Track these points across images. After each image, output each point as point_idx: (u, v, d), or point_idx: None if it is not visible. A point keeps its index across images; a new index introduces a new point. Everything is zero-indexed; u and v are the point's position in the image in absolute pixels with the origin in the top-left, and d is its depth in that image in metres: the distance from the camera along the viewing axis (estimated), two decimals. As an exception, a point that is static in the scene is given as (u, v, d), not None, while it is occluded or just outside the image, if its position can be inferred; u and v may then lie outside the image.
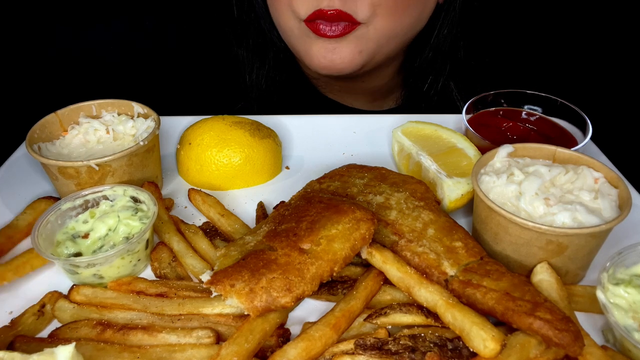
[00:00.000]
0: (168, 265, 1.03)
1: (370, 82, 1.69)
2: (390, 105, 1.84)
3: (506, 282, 0.87)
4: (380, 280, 0.94)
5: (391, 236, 0.99)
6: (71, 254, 0.99)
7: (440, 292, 0.87)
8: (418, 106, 1.70)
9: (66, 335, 0.88)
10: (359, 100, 1.81)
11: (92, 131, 1.21)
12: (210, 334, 0.86)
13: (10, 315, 0.94)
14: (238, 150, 1.25)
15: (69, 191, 1.13)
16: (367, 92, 1.78)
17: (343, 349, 0.84)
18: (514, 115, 1.37)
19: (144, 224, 1.03)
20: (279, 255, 0.89)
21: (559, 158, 1.09)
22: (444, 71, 1.65)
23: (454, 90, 1.68)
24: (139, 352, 0.84)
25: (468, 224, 1.15)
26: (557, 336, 0.77)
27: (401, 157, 1.32)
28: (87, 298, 0.94)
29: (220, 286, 0.86)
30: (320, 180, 1.17)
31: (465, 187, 1.12)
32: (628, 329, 0.83)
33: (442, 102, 1.68)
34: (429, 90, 1.67)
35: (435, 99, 1.68)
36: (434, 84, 1.67)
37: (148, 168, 1.20)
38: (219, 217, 1.13)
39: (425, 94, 1.68)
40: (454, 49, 1.63)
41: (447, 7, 1.55)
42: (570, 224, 0.92)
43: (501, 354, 0.78)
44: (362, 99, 1.81)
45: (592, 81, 1.91)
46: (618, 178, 1.01)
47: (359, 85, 1.70)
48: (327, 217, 0.95)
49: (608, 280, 0.90)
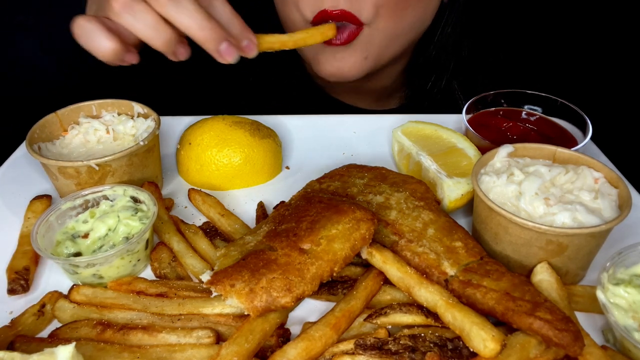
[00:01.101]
0: (168, 265, 1.03)
1: (376, 82, 1.69)
2: (394, 104, 1.84)
3: (506, 282, 0.87)
4: (380, 280, 0.94)
5: (391, 236, 0.99)
6: (71, 254, 0.99)
7: (440, 292, 0.87)
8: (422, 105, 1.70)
9: (66, 335, 0.88)
10: (363, 99, 1.82)
11: (92, 131, 1.21)
12: (210, 334, 0.86)
13: (10, 315, 0.94)
14: (238, 150, 1.25)
15: (69, 191, 1.13)
16: (373, 91, 1.79)
17: (343, 349, 0.84)
18: (514, 115, 1.37)
19: (143, 224, 1.03)
20: (279, 255, 0.89)
21: (559, 158, 1.09)
22: (448, 70, 1.66)
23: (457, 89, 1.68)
24: (139, 352, 0.84)
25: (468, 224, 1.15)
26: (557, 336, 0.77)
27: (401, 157, 1.32)
28: (87, 298, 0.94)
29: (220, 286, 0.86)
30: (320, 180, 1.17)
31: (465, 187, 1.12)
32: (628, 329, 0.83)
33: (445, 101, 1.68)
34: (433, 89, 1.68)
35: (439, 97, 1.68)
36: (438, 83, 1.67)
37: (148, 168, 1.20)
38: (219, 217, 1.13)
39: (428, 93, 1.69)
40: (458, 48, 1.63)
41: (451, 5, 1.55)
42: (570, 224, 0.92)
43: (501, 354, 0.78)
44: (367, 98, 1.82)
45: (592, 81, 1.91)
46: (618, 178, 1.01)
47: (365, 85, 1.70)
48: (327, 217, 0.95)
49: (608, 280, 0.90)
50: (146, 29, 0.97)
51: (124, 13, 0.96)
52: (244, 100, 1.74)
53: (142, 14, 0.96)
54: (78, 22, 0.98)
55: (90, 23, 0.97)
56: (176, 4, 0.95)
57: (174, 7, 0.96)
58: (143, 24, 0.97)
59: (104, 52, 0.98)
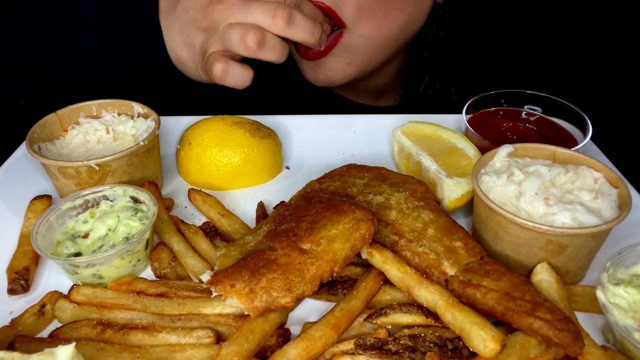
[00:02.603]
0: (168, 265, 1.03)
1: (371, 80, 1.69)
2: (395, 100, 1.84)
3: (506, 282, 0.87)
4: (380, 280, 0.94)
5: (391, 236, 0.99)
6: (71, 254, 0.99)
7: (440, 292, 0.87)
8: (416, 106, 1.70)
9: (66, 335, 0.88)
10: (363, 96, 1.83)
11: (92, 131, 1.21)
12: (210, 334, 0.86)
13: (10, 315, 0.94)
14: (238, 150, 1.25)
15: (69, 191, 1.13)
16: (370, 90, 1.79)
17: (343, 349, 0.84)
18: (514, 115, 1.37)
19: (143, 224, 1.03)
20: (279, 256, 0.89)
21: (559, 158, 1.09)
22: (441, 72, 1.65)
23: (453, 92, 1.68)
24: (139, 352, 0.84)
25: (468, 224, 1.15)
26: (557, 336, 0.77)
27: (401, 157, 1.32)
28: (87, 298, 0.94)
29: (220, 286, 0.86)
30: (320, 180, 1.17)
31: (465, 187, 1.12)
32: (628, 329, 0.83)
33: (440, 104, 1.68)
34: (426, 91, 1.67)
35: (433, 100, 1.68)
36: (432, 85, 1.67)
37: (148, 168, 1.20)
38: (219, 217, 1.13)
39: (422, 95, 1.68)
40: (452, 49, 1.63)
41: (445, 6, 1.54)
42: (570, 224, 0.92)
43: (501, 354, 0.78)
44: (365, 96, 1.83)
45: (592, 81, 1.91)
46: (618, 178, 1.01)
47: (361, 84, 1.70)
48: (327, 217, 0.95)
49: (608, 280, 0.90)
50: (276, 56, 1.18)
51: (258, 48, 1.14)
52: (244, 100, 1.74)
53: (271, 44, 1.16)
54: (217, 66, 1.16)
55: (228, 65, 1.17)
56: (290, 20, 1.14)
57: (289, 24, 1.14)
58: (272, 54, 1.17)
59: (248, 83, 1.20)
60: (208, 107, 1.48)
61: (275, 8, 1.13)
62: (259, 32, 1.13)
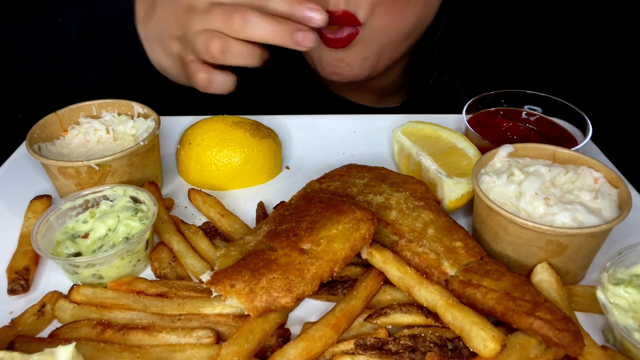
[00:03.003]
0: (168, 265, 1.03)
1: (378, 80, 1.69)
2: (397, 102, 1.85)
3: (506, 282, 0.87)
4: (380, 280, 0.94)
5: (391, 236, 0.99)
6: (71, 254, 0.99)
7: (440, 292, 0.87)
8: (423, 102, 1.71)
9: (66, 335, 0.88)
10: (366, 97, 1.83)
11: (92, 131, 1.21)
12: (210, 334, 0.86)
13: (10, 315, 0.94)
14: (238, 150, 1.25)
15: (69, 191, 1.13)
16: (375, 90, 1.80)
17: (343, 349, 0.84)
18: (514, 115, 1.37)
19: (143, 224, 1.03)
20: (279, 256, 0.89)
21: (559, 158, 1.09)
22: (450, 66, 1.66)
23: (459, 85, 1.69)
24: (139, 352, 0.84)
25: (468, 224, 1.15)
26: (557, 336, 0.77)
27: (401, 157, 1.32)
28: (87, 298, 0.94)
29: (220, 286, 0.86)
30: (320, 180, 1.17)
31: (465, 187, 1.12)
32: (628, 329, 0.83)
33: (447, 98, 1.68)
34: (435, 85, 1.68)
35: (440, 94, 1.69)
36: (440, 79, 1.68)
37: (148, 168, 1.20)
38: (219, 217, 1.13)
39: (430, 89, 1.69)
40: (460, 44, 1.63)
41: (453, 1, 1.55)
42: (570, 224, 0.92)
43: (501, 354, 0.78)
44: (369, 96, 1.83)
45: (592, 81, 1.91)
46: (618, 178, 1.01)
47: (367, 84, 1.71)
48: (327, 217, 0.95)
49: (608, 280, 0.90)
50: (244, 61, 1.13)
51: (222, 56, 1.11)
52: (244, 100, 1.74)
53: (235, 50, 1.11)
54: (199, 76, 1.16)
55: (210, 74, 1.16)
56: (244, 21, 1.08)
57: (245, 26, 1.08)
58: (239, 59, 1.13)
59: (230, 89, 1.19)
60: (208, 107, 1.48)
61: (230, 11, 1.09)
62: (221, 38, 1.10)
